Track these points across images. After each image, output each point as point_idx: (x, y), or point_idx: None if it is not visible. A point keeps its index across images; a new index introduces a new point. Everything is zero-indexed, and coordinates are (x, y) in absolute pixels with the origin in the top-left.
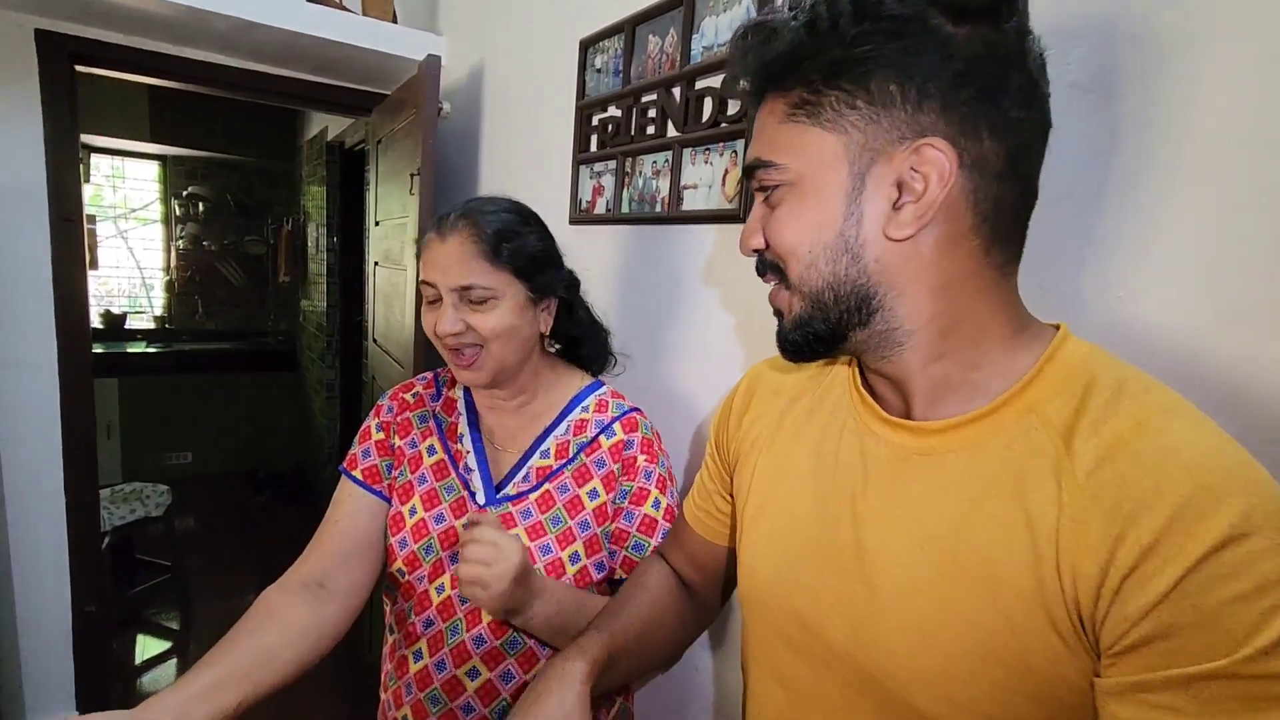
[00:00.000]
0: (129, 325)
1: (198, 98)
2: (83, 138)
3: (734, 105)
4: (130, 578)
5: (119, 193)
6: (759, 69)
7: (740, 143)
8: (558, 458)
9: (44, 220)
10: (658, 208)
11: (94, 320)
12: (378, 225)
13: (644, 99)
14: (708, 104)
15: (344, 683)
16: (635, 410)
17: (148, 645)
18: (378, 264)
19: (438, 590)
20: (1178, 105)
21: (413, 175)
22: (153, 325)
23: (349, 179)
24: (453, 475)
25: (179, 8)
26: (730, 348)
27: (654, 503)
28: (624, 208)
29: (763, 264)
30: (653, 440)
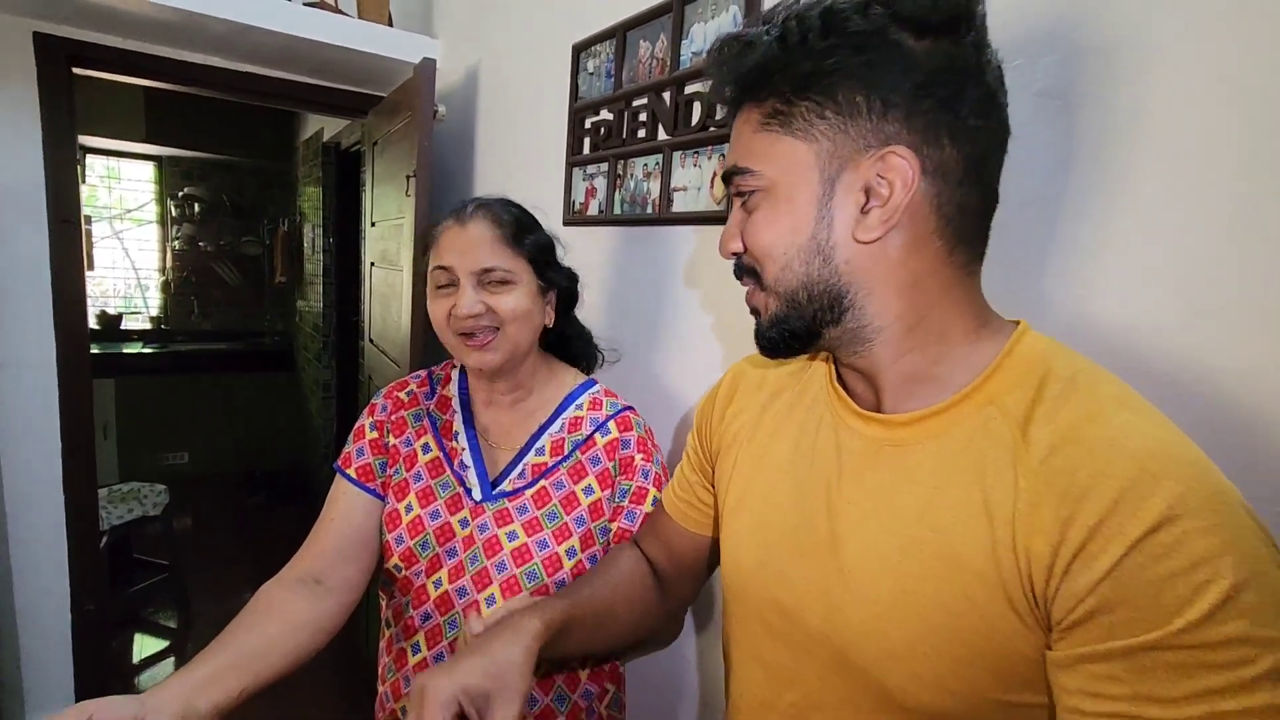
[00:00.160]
0: (124, 326)
1: (193, 99)
2: (79, 139)
3: (722, 110)
4: (128, 577)
5: (114, 193)
6: (735, 80)
7: (727, 147)
8: (553, 455)
9: (42, 221)
10: (649, 209)
11: (90, 321)
12: (374, 226)
13: (635, 103)
14: (696, 108)
15: (340, 676)
16: (629, 409)
17: (146, 644)
18: (374, 264)
19: (435, 585)
20: (1133, 115)
21: (409, 177)
22: (149, 326)
23: (345, 180)
24: (448, 472)
25: (176, 11)
26: (715, 344)
27: (653, 500)
28: (616, 209)
29: (740, 268)
30: (646, 439)
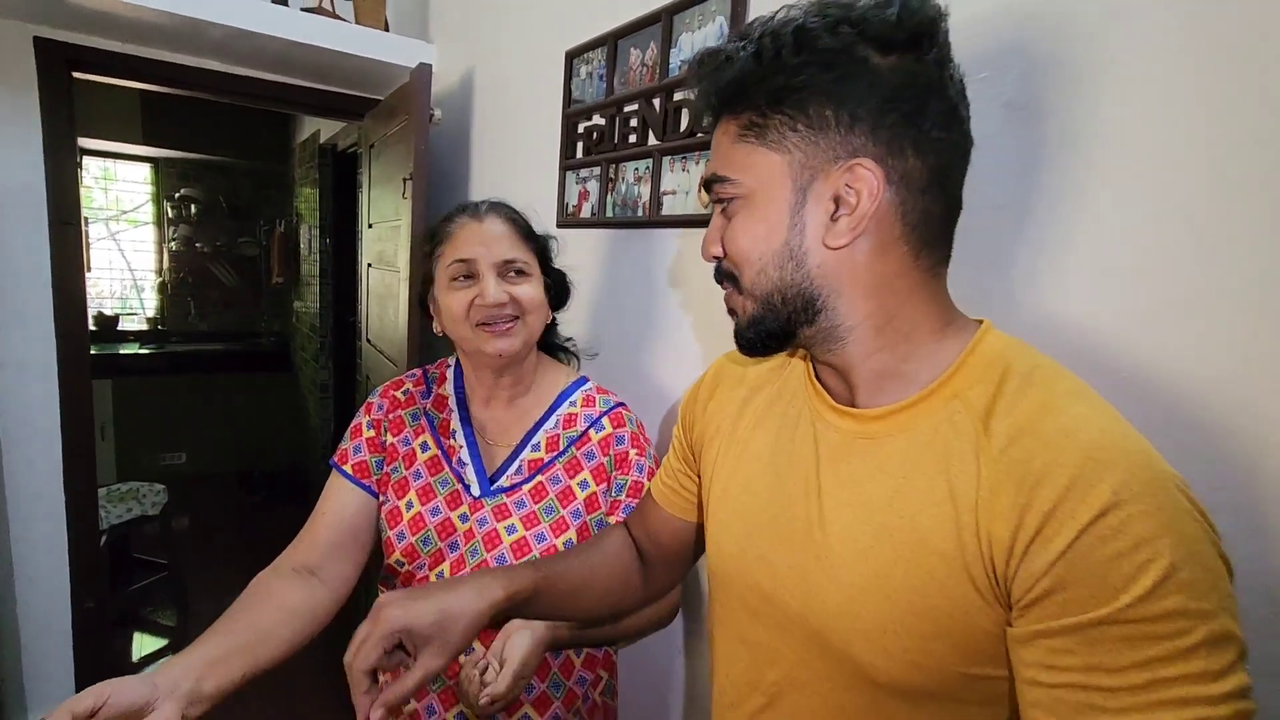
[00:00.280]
0: (121, 327)
1: (190, 101)
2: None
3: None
4: (127, 576)
5: (109, 195)
6: (714, 93)
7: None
8: (548, 450)
9: (43, 223)
10: (639, 212)
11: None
12: (371, 228)
13: (626, 109)
14: (685, 115)
15: (337, 671)
16: (621, 405)
17: (145, 643)
18: (371, 265)
19: (437, 577)
20: (1093, 125)
21: (406, 180)
22: (145, 327)
23: (341, 182)
24: (447, 470)
25: (175, 17)
26: (700, 341)
27: (648, 493)
28: (608, 212)
29: (719, 273)
30: (639, 433)
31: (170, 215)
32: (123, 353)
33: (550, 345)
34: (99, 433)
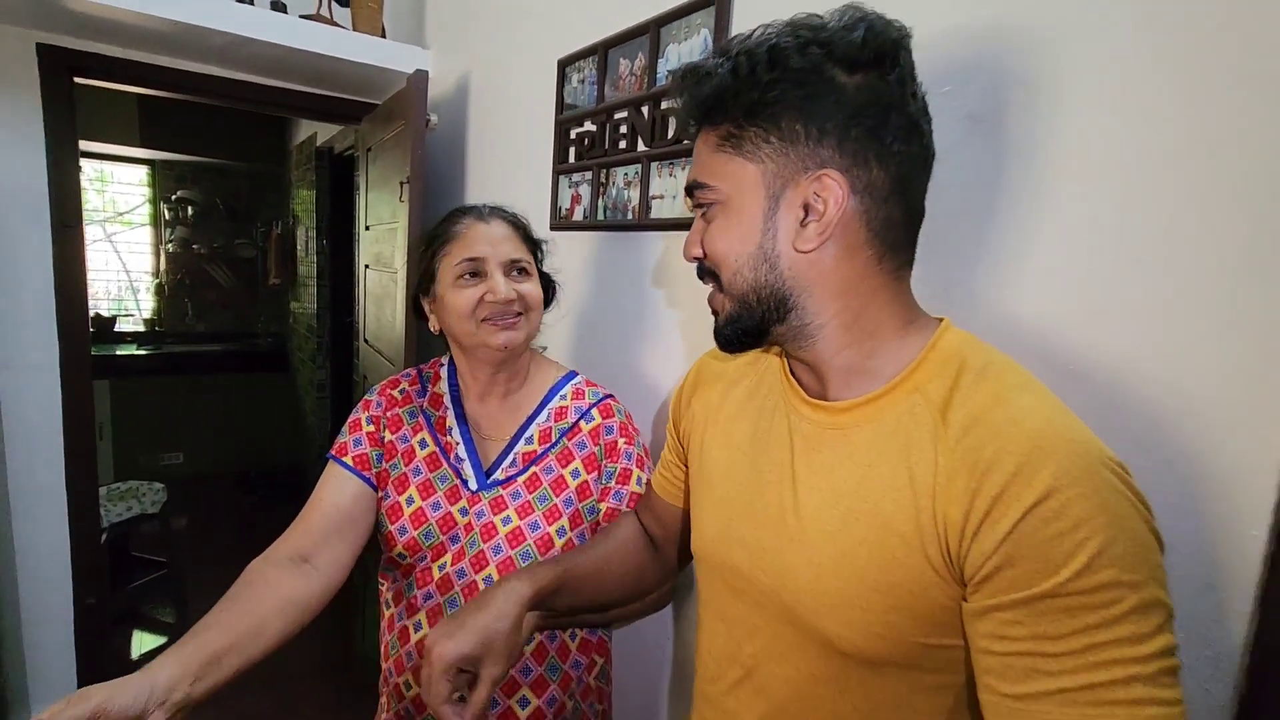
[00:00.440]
0: (118, 328)
1: (187, 103)
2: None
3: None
4: (127, 574)
5: (104, 196)
6: (695, 106)
7: None
8: (541, 443)
9: (46, 226)
10: (629, 215)
11: None
12: (368, 230)
13: (616, 116)
14: (672, 123)
15: (337, 672)
16: (609, 397)
17: (144, 640)
18: (368, 267)
19: (439, 569)
20: (1050, 137)
21: (403, 183)
22: (142, 328)
23: (338, 184)
24: (445, 465)
25: (177, 24)
26: (685, 337)
27: (637, 480)
28: (599, 215)
29: (703, 270)
30: (627, 423)
31: (167, 217)
32: (120, 354)
33: None
34: (97, 433)
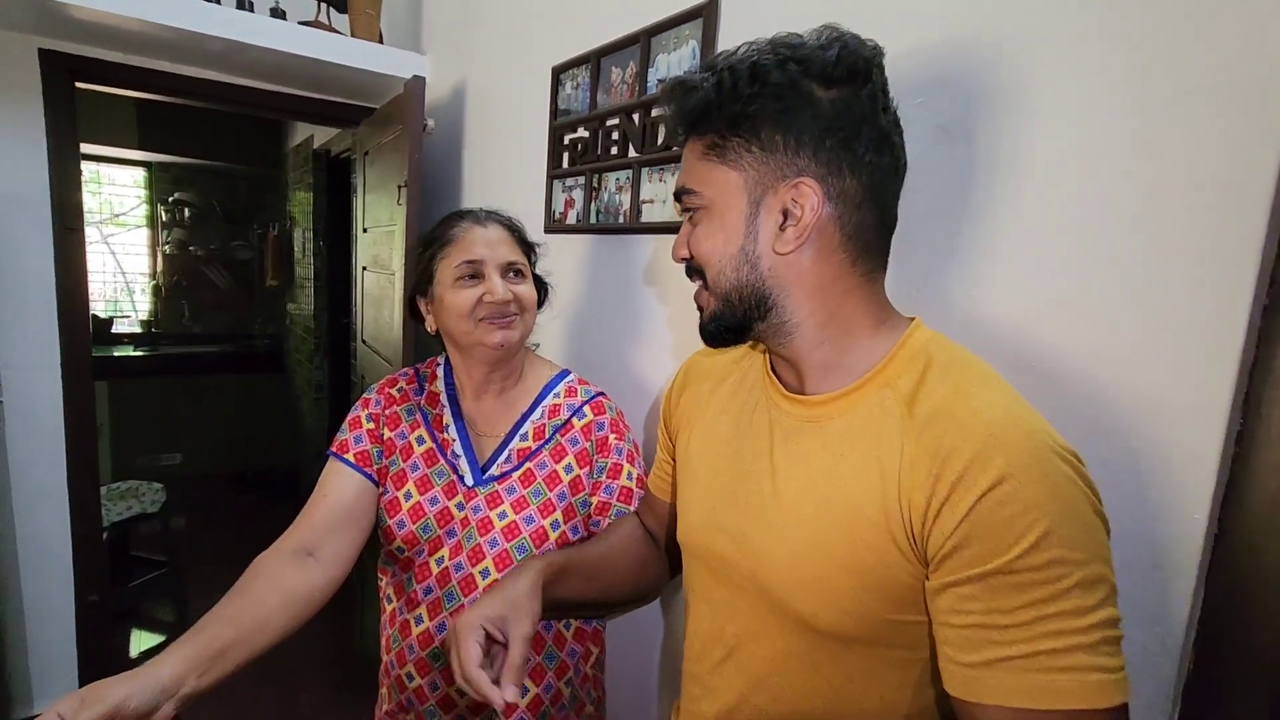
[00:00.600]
0: (115, 330)
1: (184, 106)
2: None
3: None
4: (126, 573)
5: (99, 198)
6: (682, 117)
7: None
8: (535, 439)
9: (47, 229)
10: (621, 219)
11: None
12: (365, 232)
13: (608, 123)
14: (661, 130)
15: (336, 669)
16: (601, 394)
17: (143, 639)
18: (366, 269)
19: (437, 563)
20: (1016, 146)
21: (400, 186)
22: (139, 329)
23: (335, 186)
24: (442, 461)
25: (177, 30)
26: (675, 337)
27: (627, 474)
28: (592, 219)
29: (690, 269)
30: (618, 420)
31: (164, 219)
32: (117, 355)
33: None
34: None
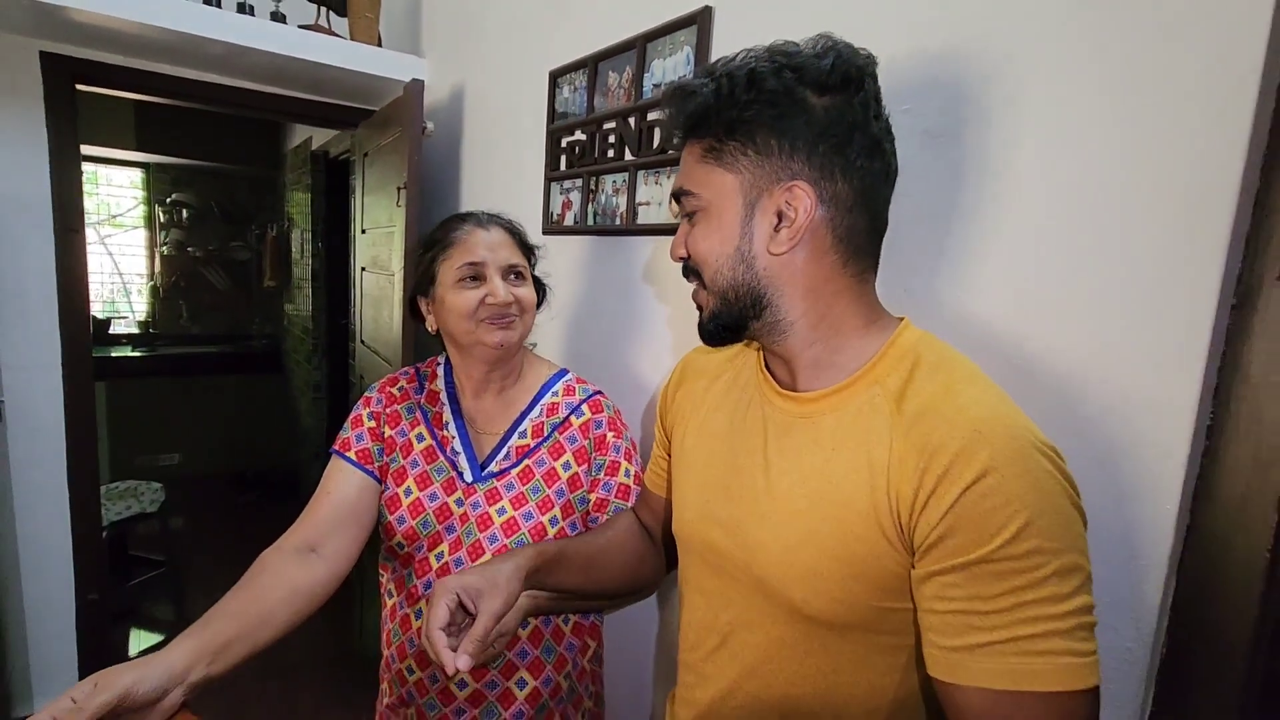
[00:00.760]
0: (113, 330)
1: (183, 107)
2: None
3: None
4: (125, 573)
5: (95, 199)
6: (682, 120)
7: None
8: (534, 437)
9: (49, 230)
10: (617, 221)
11: None
12: (364, 233)
13: (605, 126)
14: (657, 134)
15: (336, 666)
16: (598, 393)
17: (143, 638)
18: (365, 269)
19: (436, 558)
20: (1001, 152)
21: (400, 188)
22: (136, 330)
23: (333, 187)
24: (442, 458)
25: (178, 34)
26: (671, 336)
27: (625, 471)
28: (589, 220)
29: (687, 269)
30: (616, 418)
31: (162, 220)
32: (115, 355)
33: None
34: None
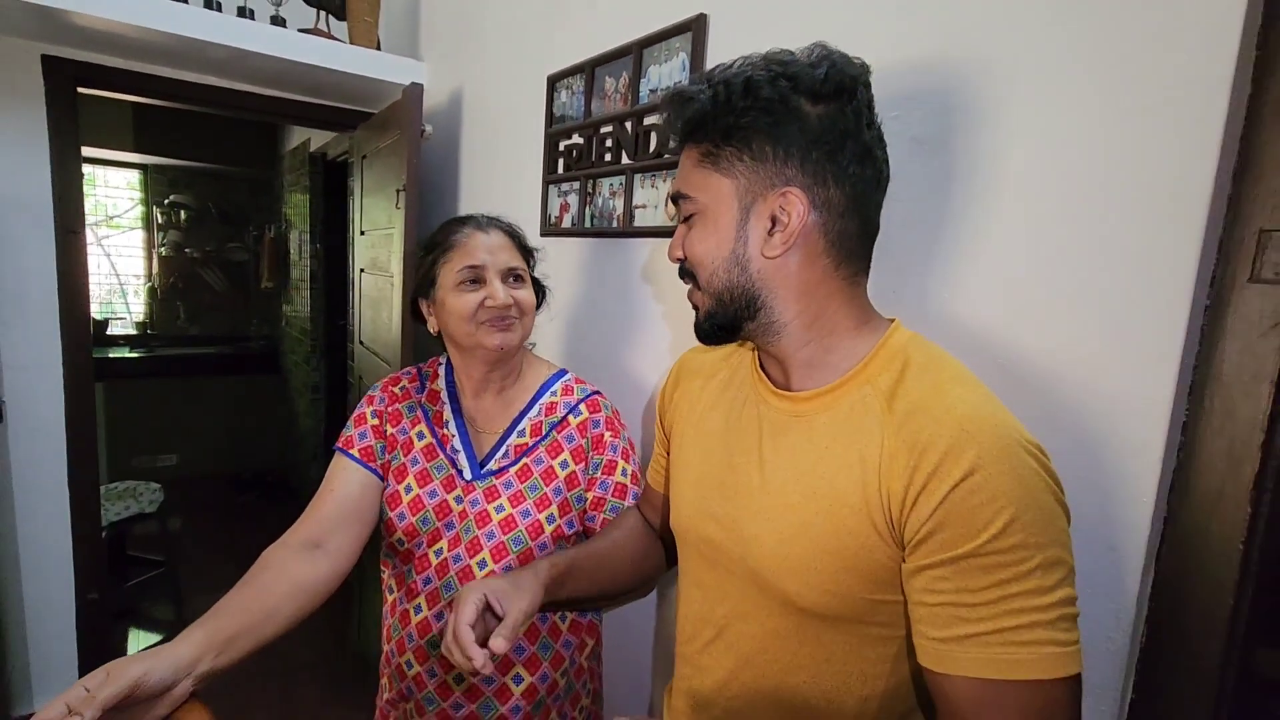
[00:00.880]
0: (111, 331)
1: (181, 109)
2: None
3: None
4: (123, 573)
5: (92, 200)
6: (680, 126)
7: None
8: (532, 436)
9: (49, 232)
10: (614, 223)
11: None
12: (363, 235)
13: (602, 130)
14: (654, 138)
15: (333, 660)
16: (597, 393)
17: (142, 638)
18: (363, 271)
19: (436, 554)
20: (987, 158)
21: (399, 191)
22: (133, 331)
23: (331, 189)
24: (441, 456)
25: (179, 38)
26: (668, 337)
27: (622, 471)
28: (587, 223)
29: (683, 271)
30: (614, 418)
31: (160, 221)
32: (112, 356)
33: None
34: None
